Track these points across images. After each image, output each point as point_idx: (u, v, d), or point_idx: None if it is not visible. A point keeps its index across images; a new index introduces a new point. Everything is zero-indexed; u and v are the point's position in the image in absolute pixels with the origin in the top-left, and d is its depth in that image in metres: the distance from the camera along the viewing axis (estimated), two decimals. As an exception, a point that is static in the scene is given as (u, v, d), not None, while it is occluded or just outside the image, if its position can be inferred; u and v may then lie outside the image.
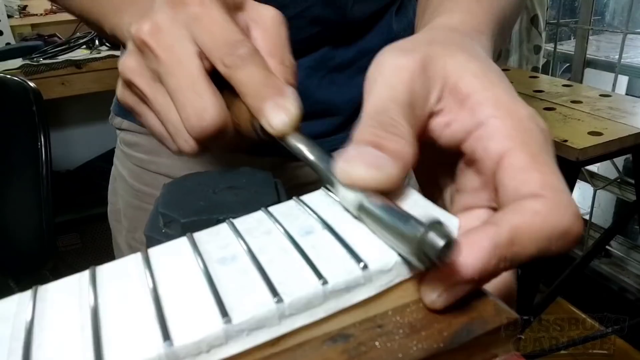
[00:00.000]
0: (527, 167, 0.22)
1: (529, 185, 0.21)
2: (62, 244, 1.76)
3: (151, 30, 0.29)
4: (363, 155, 0.22)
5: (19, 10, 2.07)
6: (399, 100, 0.24)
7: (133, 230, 0.62)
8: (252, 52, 0.28)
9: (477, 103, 0.24)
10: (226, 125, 0.29)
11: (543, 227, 0.20)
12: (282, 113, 0.27)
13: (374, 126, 0.23)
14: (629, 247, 1.89)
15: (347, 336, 0.19)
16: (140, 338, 0.18)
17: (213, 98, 0.28)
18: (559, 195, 0.21)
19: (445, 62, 0.25)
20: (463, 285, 0.20)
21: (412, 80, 0.25)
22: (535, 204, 0.21)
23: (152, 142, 0.59)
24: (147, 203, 0.60)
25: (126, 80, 0.31)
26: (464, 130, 0.24)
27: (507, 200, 0.22)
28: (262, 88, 0.28)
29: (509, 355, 0.20)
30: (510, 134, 0.23)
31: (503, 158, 0.22)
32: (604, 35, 2.12)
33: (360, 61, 0.55)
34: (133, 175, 0.61)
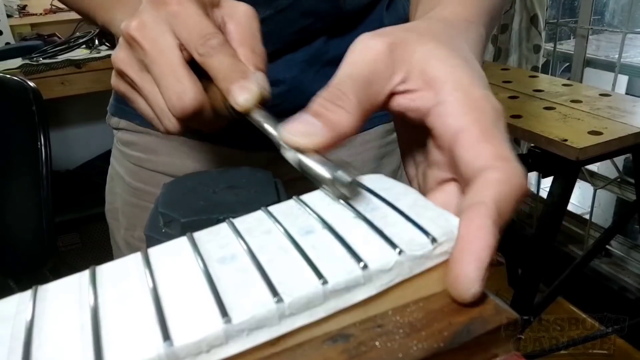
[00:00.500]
0: (479, 140, 0.24)
1: (483, 157, 0.24)
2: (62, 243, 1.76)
3: (138, 26, 0.33)
4: (300, 122, 0.26)
5: (18, 9, 2.07)
6: (355, 76, 0.27)
7: (131, 229, 0.63)
8: (222, 42, 0.33)
9: (440, 83, 0.27)
10: (203, 105, 0.33)
11: (510, 193, 0.23)
12: (246, 93, 0.31)
13: (323, 97, 0.27)
14: (629, 246, 1.89)
15: (347, 336, 0.19)
16: (140, 338, 0.18)
17: (191, 82, 0.32)
18: (509, 163, 0.24)
19: (415, 48, 0.28)
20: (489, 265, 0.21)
21: (376, 59, 0.27)
22: (494, 174, 0.23)
23: (149, 141, 0.59)
24: (145, 201, 0.60)
25: (118, 70, 0.36)
26: (426, 106, 0.27)
27: (463, 171, 0.25)
28: (230, 73, 0.32)
29: (509, 355, 0.20)
30: (464, 111, 0.25)
31: (458, 133, 0.25)
32: (603, 34, 2.12)
33: None
34: (130, 174, 0.62)
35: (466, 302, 0.20)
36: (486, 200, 0.22)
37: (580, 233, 1.99)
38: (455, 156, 0.25)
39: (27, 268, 1.07)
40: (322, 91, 0.27)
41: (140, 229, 0.59)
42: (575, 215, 2.05)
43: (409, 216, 0.23)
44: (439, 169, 0.28)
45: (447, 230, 0.22)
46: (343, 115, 0.26)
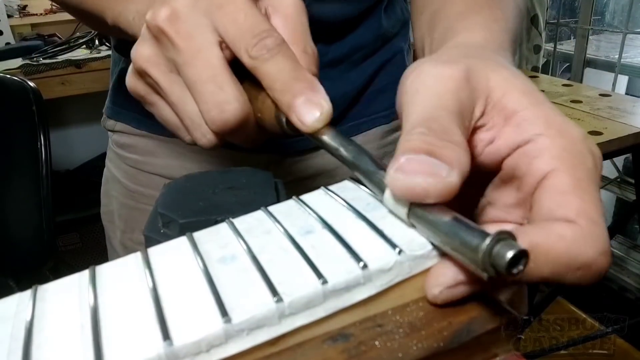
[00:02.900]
0: (568, 190, 0.21)
1: (564, 209, 0.20)
2: (62, 243, 1.76)
3: (169, 17, 0.27)
4: (418, 163, 0.20)
5: (18, 10, 2.07)
6: (449, 108, 0.22)
7: (129, 231, 0.62)
8: (279, 42, 0.27)
9: (525, 120, 0.23)
10: (248, 118, 0.28)
11: (563, 254, 0.20)
12: (315, 109, 0.26)
13: (426, 134, 0.21)
14: (629, 246, 1.89)
15: (347, 335, 0.19)
16: (140, 338, 0.18)
17: (235, 90, 0.27)
18: (591, 226, 0.20)
19: (488, 75, 0.24)
20: (466, 286, 0.20)
21: (459, 89, 0.23)
22: (564, 229, 0.20)
23: (147, 143, 0.59)
24: (143, 203, 0.60)
25: (139, 70, 0.30)
26: (508, 147, 0.23)
27: (538, 219, 0.21)
28: (292, 82, 0.26)
29: (509, 355, 0.20)
30: (560, 155, 0.21)
31: (546, 178, 0.21)
32: (603, 35, 2.12)
33: (352, 57, 0.55)
34: (127, 177, 0.61)
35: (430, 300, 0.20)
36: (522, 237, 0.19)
37: (580, 233, 1.99)
38: (535, 202, 0.21)
39: (27, 268, 1.07)
40: (414, 128, 0.21)
41: (138, 232, 0.59)
42: (575, 215, 2.04)
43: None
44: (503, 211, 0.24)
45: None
46: (461, 152, 0.21)
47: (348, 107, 0.55)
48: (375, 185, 0.23)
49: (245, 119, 0.28)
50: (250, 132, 0.29)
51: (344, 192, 0.25)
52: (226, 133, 0.28)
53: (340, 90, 0.54)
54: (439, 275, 0.20)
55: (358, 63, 0.55)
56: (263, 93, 0.28)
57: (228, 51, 0.28)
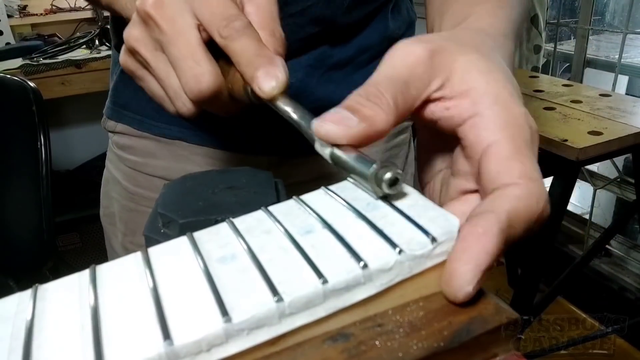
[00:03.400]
0: (510, 156, 0.24)
1: (510, 173, 0.24)
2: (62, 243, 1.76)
3: (155, 4, 0.32)
4: (336, 115, 0.26)
5: (19, 10, 2.07)
6: (394, 77, 0.27)
7: (130, 234, 0.62)
8: (246, 25, 0.31)
9: (479, 95, 0.26)
10: (221, 89, 0.32)
11: (523, 210, 0.23)
12: (272, 79, 0.30)
13: (360, 95, 0.26)
14: (628, 246, 1.89)
15: (347, 335, 0.19)
16: (141, 337, 0.18)
17: (209, 65, 0.31)
18: (534, 183, 0.24)
19: (456, 57, 0.28)
20: (486, 270, 0.21)
21: (415, 63, 0.27)
22: (515, 190, 0.23)
23: (147, 145, 0.59)
24: (143, 205, 0.60)
25: (130, 48, 0.34)
26: (461, 116, 0.27)
27: (488, 184, 0.24)
28: (254, 57, 0.30)
29: (509, 355, 0.20)
30: (501, 126, 0.25)
31: (490, 146, 0.25)
32: (604, 35, 2.12)
33: (358, 59, 0.56)
34: (128, 178, 0.61)
35: (458, 301, 0.20)
36: (498, 210, 0.22)
37: (580, 233, 1.99)
38: (482, 168, 0.25)
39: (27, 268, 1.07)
40: (359, 89, 0.27)
41: (139, 234, 0.59)
42: (575, 215, 2.05)
43: (409, 216, 0.23)
44: (464, 179, 0.28)
45: (447, 230, 0.22)
46: (379, 113, 0.26)
47: None
48: (310, 138, 0.27)
49: (218, 89, 0.32)
50: (224, 102, 0.33)
51: (344, 192, 0.25)
52: (203, 102, 0.32)
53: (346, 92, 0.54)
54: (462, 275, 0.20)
55: (364, 65, 0.57)
56: (233, 68, 0.32)
57: (205, 33, 0.32)
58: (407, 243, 0.21)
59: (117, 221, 0.63)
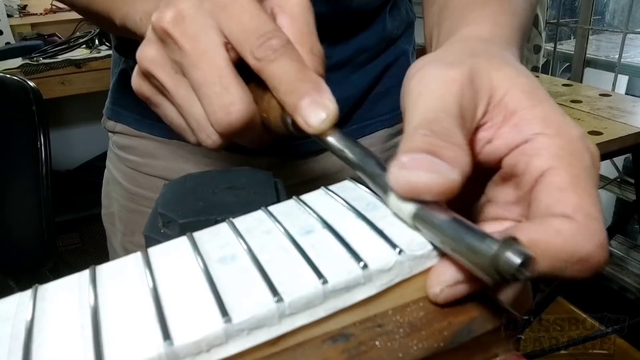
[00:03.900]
0: (565, 187, 0.21)
1: (562, 205, 0.21)
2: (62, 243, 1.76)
3: (174, 19, 0.27)
4: (421, 161, 0.20)
5: (18, 9, 2.07)
6: (451, 111, 0.23)
7: (130, 234, 0.62)
8: (285, 43, 0.27)
9: (524, 119, 0.23)
10: (254, 120, 0.28)
11: (561, 248, 0.20)
12: (321, 110, 0.26)
13: (428, 135, 0.21)
14: (629, 246, 1.89)
15: (347, 335, 0.19)
16: (141, 337, 0.18)
17: (241, 92, 0.27)
18: (588, 221, 0.20)
19: (491, 75, 0.25)
20: (466, 285, 0.20)
21: (461, 92, 0.24)
22: (561, 224, 0.20)
23: (147, 145, 0.59)
24: (143, 206, 0.59)
25: (144, 71, 0.30)
26: (507, 146, 0.23)
27: (536, 216, 0.21)
28: (297, 83, 0.26)
29: (509, 355, 0.20)
30: (557, 153, 0.22)
31: (543, 175, 0.22)
32: (603, 34, 2.12)
33: (356, 59, 0.54)
34: (128, 179, 0.60)
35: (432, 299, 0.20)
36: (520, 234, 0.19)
37: (580, 233, 1.99)
38: (533, 199, 0.22)
39: (27, 268, 1.07)
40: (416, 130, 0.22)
41: (139, 234, 0.58)
42: (575, 215, 2.04)
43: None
44: (502, 209, 0.25)
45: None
46: (462, 153, 0.21)
47: (352, 110, 0.55)
48: (380, 187, 0.23)
49: (251, 120, 0.28)
50: (256, 133, 0.29)
51: (344, 192, 0.25)
52: (232, 134, 0.28)
53: (344, 93, 0.54)
54: (439, 274, 0.20)
55: (362, 65, 0.55)
56: (268, 94, 0.28)
57: (234, 52, 0.28)
58: (407, 243, 0.21)
59: (117, 221, 0.63)
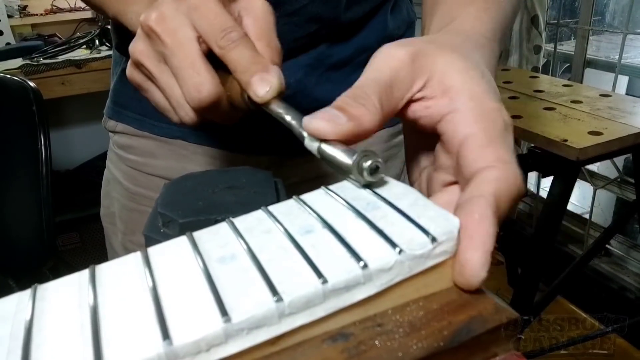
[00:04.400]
0: (485, 145, 0.26)
1: (485, 158, 0.26)
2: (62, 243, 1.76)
3: (157, 19, 0.34)
4: (325, 113, 0.27)
5: (19, 10, 2.07)
6: (379, 80, 0.28)
7: (130, 233, 0.62)
8: (241, 35, 0.33)
9: (456, 93, 0.28)
10: (220, 97, 0.34)
11: (507, 189, 0.25)
12: (266, 84, 0.32)
13: (347, 96, 0.28)
14: (628, 246, 1.89)
15: (347, 335, 0.19)
16: (140, 337, 0.18)
17: (209, 75, 0.33)
18: (508, 164, 0.25)
19: (436, 59, 0.30)
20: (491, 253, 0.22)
21: (398, 67, 0.29)
22: (493, 172, 0.25)
23: (147, 144, 0.59)
24: (143, 205, 0.60)
25: (135, 61, 0.36)
26: (440, 113, 0.28)
27: (465, 172, 0.26)
28: (250, 65, 0.33)
29: (509, 355, 0.20)
30: (475, 120, 0.27)
31: (466, 138, 0.27)
32: (604, 35, 2.12)
33: (357, 59, 0.57)
34: (128, 178, 0.61)
35: (472, 288, 0.21)
36: (485, 194, 0.24)
37: (580, 233, 1.99)
38: (459, 159, 0.27)
39: (26, 267, 1.07)
40: (346, 91, 0.28)
41: (139, 233, 0.58)
42: (575, 215, 2.05)
43: (409, 215, 0.23)
44: (445, 173, 0.29)
45: (447, 230, 0.22)
46: (365, 113, 0.27)
47: None
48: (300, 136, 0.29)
49: (218, 97, 0.34)
50: (224, 109, 0.35)
51: (344, 192, 0.25)
52: (204, 110, 0.34)
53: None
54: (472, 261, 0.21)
55: (362, 65, 0.56)
56: (231, 77, 0.34)
57: (204, 45, 0.34)
58: (407, 243, 0.21)
59: (117, 220, 0.64)
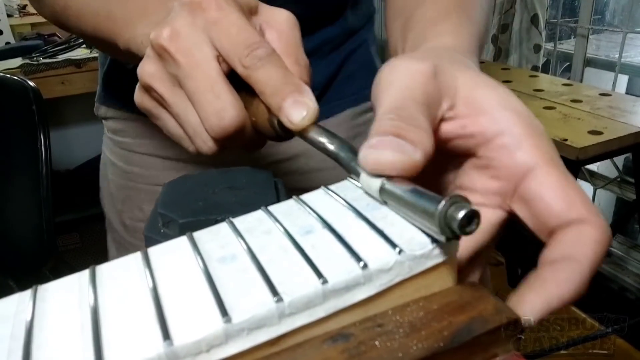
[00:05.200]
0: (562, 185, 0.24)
1: (574, 207, 0.24)
2: (62, 243, 1.76)
3: (170, 36, 0.30)
4: (387, 142, 0.23)
5: (18, 9, 2.07)
6: (417, 99, 0.25)
7: (127, 210, 0.64)
8: (269, 52, 0.29)
9: (495, 110, 0.26)
10: (244, 124, 0.30)
11: (602, 252, 0.24)
12: (302, 109, 0.28)
13: (395, 119, 0.24)
14: (629, 246, 1.89)
15: (347, 335, 0.19)
16: (140, 337, 0.18)
17: (231, 98, 0.29)
18: (600, 218, 0.24)
19: (455, 75, 0.27)
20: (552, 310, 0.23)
21: (426, 82, 0.26)
22: (593, 233, 0.23)
23: (138, 126, 0.60)
24: (139, 183, 0.62)
25: (145, 85, 0.32)
26: (484, 134, 0.26)
27: (551, 217, 0.24)
28: (280, 86, 0.29)
29: (509, 355, 0.20)
30: (537, 147, 0.25)
31: (534, 171, 0.25)
32: (604, 34, 2.12)
33: (322, 49, 0.59)
34: (122, 159, 0.63)
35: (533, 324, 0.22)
36: (583, 260, 0.23)
37: (580, 233, 1.99)
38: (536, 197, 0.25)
39: (27, 268, 1.07)
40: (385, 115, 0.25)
41: (136, 209, 0.61)
42: (575, 215, 2.05)
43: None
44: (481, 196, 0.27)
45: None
46: (425, 135, 0.24)
47: (321, 93, 0.60)
48: (354, 171, 0.25)
49: (242, 124, 0.30)
50: (247, 137, 0.31)
51: (344, 192, 0.25)
52: (225, 138, 0.30)
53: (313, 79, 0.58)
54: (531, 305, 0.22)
55: (325, 55, 0.60)
56: (257, 99, 0.30)
57: (225, 64, 0.30)
58: (407, 243, 0.21)
59: (115, 200, 0.65)
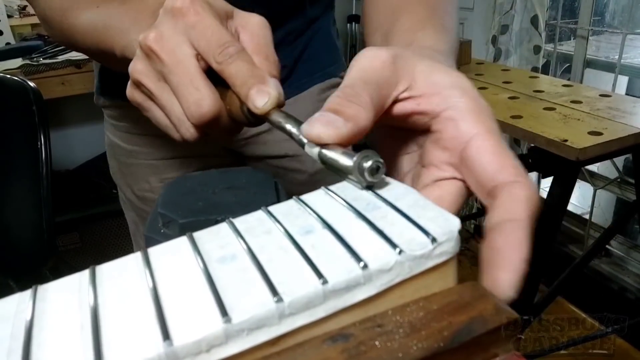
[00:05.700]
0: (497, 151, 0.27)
1: (506, 171, 0.27)
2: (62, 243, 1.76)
3: (155, 38, 0.34)
4: (322, 117, 0.27)
5: (19, 10, 2.07)
6: (366, 79, 0.29)
7: (136, 184, 0.71)
8: (239, 50, 0.34)
9: (447, 90, 0.29)
10: (220, 112, 0.34)
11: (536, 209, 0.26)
12: (264, 96, 0.32)
13: (339, 96, 0.28)
14: (629, 246, 1.89)
15: (347, 336, 0.19)
16: (140, 337, 0.18)
17: (208, 90, 0.34)
18: (528, 179, 0.26)
19: (415, 62, 0.31)
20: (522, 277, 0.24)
21: (383, 67, 0.30)
22: (522, 191, 0.26)
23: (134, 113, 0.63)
24: (141, 159, 0.69)
25: (135, 81, 0.37)
26: (435, 110, 0.29)
27: (486, 180, 0.27)
28: (248, 78, 0.33)
29: (509, 355, 0.20)
30: (478, 119, 0.28)
31: (474, 139, 0.28)
32: (603, 35, 2.12)
33: (287, 38, 0.67)
34: (124, 140, 0.70)
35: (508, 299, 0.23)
36: (520, 218, 0.25)
37: (580, 233, 1.99)
38: (474, 163, 0.27)
39: (27, 268, 1.07)
40: (336, 92, 0.29)
41: (143, 182, 0.70)
42: (575, 215, 2.05)
43: (409, 216, 0.23)
44: (437, 169, 0.30)
45: (447, 230, 0.22)
46: (360, 111, 0.28)
47: (290, 72, 0.69)
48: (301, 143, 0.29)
49: (218, 112, 0.34)
50: (224, 124, 0.35)
51: (344, 192, 0.25)
52: (204, 125, 0.34)
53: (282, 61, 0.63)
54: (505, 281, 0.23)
55: (290, 43, 0.68)
56: (230, 91, 0.34)
57: (203, 62, 0.34)
58: (407, 243, 0.21)
59: (124, 175, 0.72)
